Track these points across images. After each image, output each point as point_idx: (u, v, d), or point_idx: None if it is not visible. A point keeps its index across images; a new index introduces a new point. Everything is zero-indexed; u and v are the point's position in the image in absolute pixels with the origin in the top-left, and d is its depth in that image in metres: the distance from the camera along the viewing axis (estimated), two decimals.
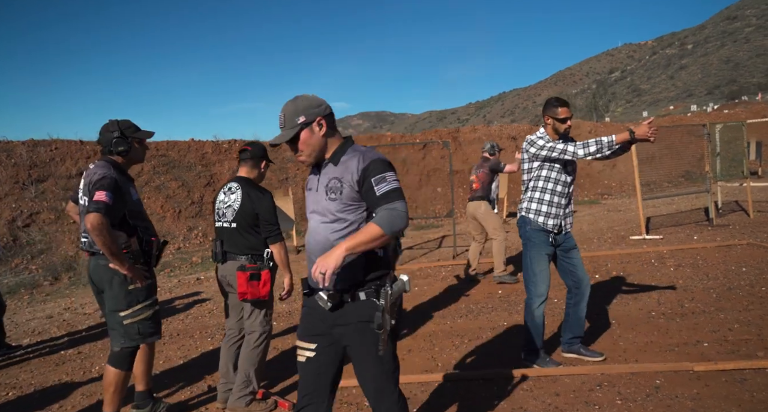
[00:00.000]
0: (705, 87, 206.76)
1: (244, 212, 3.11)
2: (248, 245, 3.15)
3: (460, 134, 18.16)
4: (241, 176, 3.26)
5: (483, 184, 6.28)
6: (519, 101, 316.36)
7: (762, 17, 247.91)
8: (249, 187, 3.17)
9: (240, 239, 3.14)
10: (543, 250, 3.49)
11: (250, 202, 3.11)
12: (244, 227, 3.13)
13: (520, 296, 5.59)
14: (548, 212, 3.47)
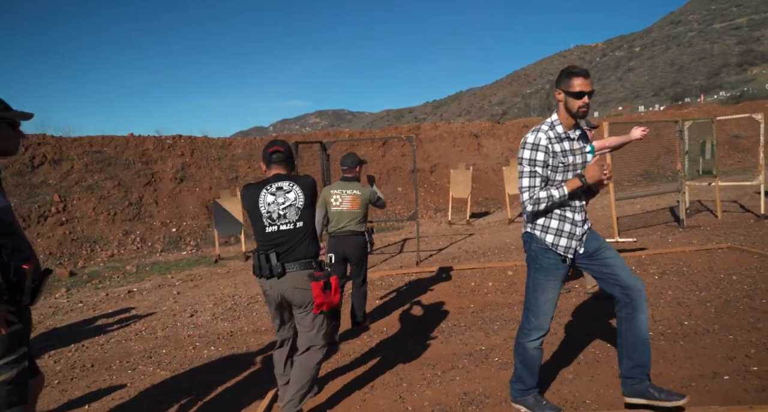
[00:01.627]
0: (651, 89, 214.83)
1: (309, 210, 2.95)
2: (312, 249, 2.96)
3: (420, 131, 17.56)
4: (284, 174, 3.01)
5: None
6: (475, 101, 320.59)
7: (703, 22, 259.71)
8: (306, 185, 2.97)
9: (305, 243, 2.93)
10: (551, 275, 2.78)
11: (312, 200, 2.97)
12: (310, 227, 2.96)
13: (495, 311, 4.95)
14: (559, 229, 2.75)
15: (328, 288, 2.85)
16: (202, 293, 7.19)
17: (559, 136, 2.72)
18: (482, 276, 6.47)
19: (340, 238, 4.56)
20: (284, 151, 2.99)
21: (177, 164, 13.20)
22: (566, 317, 4.53)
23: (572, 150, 2.74)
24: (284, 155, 3.00)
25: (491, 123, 19.60)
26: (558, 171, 2.71)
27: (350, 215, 4.52)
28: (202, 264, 9.55)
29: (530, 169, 2.68)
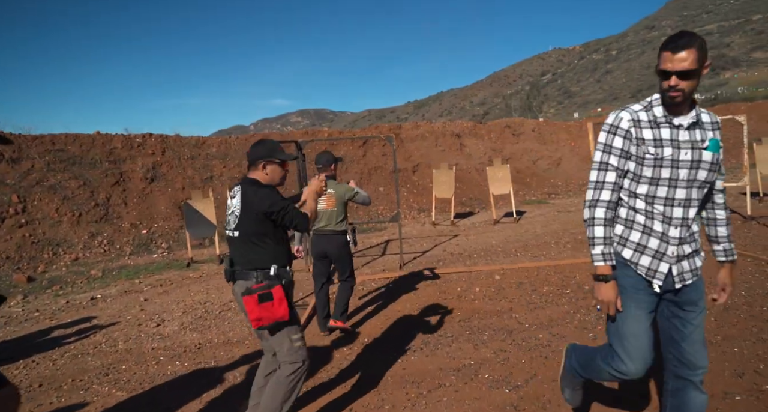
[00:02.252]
0: (629, 91, 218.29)
1: (246, 216, 2.70)
2: (255, 259, 2.72)
3: (402, 131, 17.25)
4: (247, 177, 2.83)
5: None
6: (456, 101, 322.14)
7: (676, 28, 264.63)
8: (248, 186, 2.75)
9: (246, 251, 2.73)
10: (631, 300, 2.12)
11: (248, 203, 2.70)
12: (250, 236, 2.71)
13: (483, 319, 4.63)
14: (641, 244, 2.11)
15: (267, 300, 2.60)
16: (171, 299, 6.75)
17: (655, 120, 2.08)
18: (468, 281, 6.16)
19: (320, 237, 4.58)
20: (249, 152, 2.84)
21: (147, 163, 12.67)
22: (562, 327, 4.23)
23: (674, 140, 2.05)
24: (248, 157, 2.84)
25: (473, 123, 19.39)
26: (646, 165, 2.05)
27: (327, 214, 4.51)
28: (173, 268, 9.09)
29: (601, 160, 2.12)
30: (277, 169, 2.80)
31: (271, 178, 2.80)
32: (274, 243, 2.74)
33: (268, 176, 2.79)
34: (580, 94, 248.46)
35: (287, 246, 2.85)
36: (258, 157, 2.77)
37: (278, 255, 2.75)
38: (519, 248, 8.02)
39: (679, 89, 1.96)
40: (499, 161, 11.90)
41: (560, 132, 20.13)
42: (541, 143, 18.97)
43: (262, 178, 2.78)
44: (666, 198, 2.06)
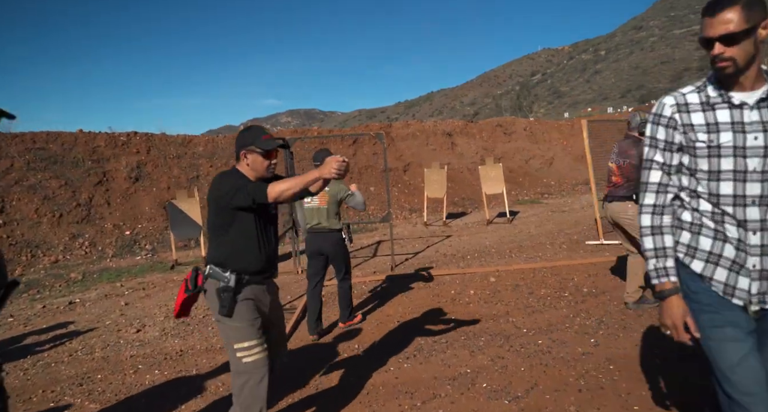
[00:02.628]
0: (618, 91, 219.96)
1: (208, 207, 2.53)
2: (211, 254, 2.54)
3: (392, 130, 17.04)
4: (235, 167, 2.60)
5: (628, 178, 4.34)
6: (447, 101, 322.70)
7: (663, 28, 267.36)
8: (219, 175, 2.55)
9: (209, 245, 2.58)
10: (717, 318, 1.69)
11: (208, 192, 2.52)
12: (211, 231, 2.55)
13: (479, 324, 4.42)
14: (714, 252, 1.71)
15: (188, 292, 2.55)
16: (153, 303, 6.49)
17: (708, 102, 1.72)
18: (462, 283, 5.96)
19: (315, 235, 4.59)
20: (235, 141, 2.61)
21: (132, 163, 12.36)
22: (561, 332, 4.04)
23: (737, 123, 1.66)
24: (235, 147, 2.59)
25: (464, 122, 19.22)
26: (699, 155, 1.70)
27: (320, 211, 4.53)
28: (157, 270, 8.81)
29: (645, 157, 1.81)
30: (258, 159, 2.50)
31: (253, 170, 2.51)
32: (232, 238, 2.45)
33: (250, 167, 2.51)
34: (570, 94, 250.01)
35: (259, 246, 2.49)
36: (239, 147, 2.53)
37: (232, 254, 2.45)
38: (513, 249, 7.83)
39: (727, 58, 1.61)
40: (491, 160, 11.73)
41: (552, 131, 20.02)
42: (533, 143, 18.84)
43: (244, 170, 2.52)
44: (734, 196, 1.65)
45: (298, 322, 5.10)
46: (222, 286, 2.42)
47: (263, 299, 2.55)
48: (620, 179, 4.39)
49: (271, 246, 2.57)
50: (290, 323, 4.91)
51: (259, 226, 2.50)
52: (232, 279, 2.42)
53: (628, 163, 4.32)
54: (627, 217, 4.30)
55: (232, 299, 2.41)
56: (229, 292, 2.41)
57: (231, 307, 2.41)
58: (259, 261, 2.50)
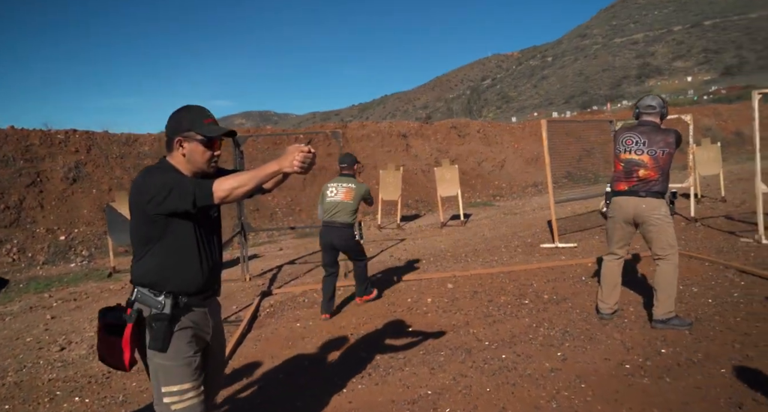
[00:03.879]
0: (563, 96, 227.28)
1: (131, 213, 1.99)
2: (134, 270, 2.03)
3: (347, 130, 16.70)
4: (164, 159, 2.08)
5: (664, 172, 3.82)
6: (400, 104, 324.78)
7: (606, 37, 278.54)
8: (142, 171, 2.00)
9: (133, 260, 2.05)
10: None
11: (130, 194, 1.98)
12: (133, 239, 2.02)
13: (438, 338, 4.15)
14: None
15: (114, 334, 1.94)
16: (83, 316, 5.92)
17: None
18: (419, 290, 5.70)
19: (329, 228, 4.88)
20: (166, 124, 2.08)
21: (69, 162, 11.52)
22: (526, 345, 3.81)
23: None
24: (166, 131, 2.07)
25: (419, 123, 19.10)
26: None
27: (343, 205, 4.87)
28: (92, 278, 8.16)
29: None
30: (198, 148, 1.99)
31: (189, 162, 2.00)
32: (165, 252, 1.96)
33: (186, 159, 2.00)
34: (518, 99, 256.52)
35: (200, 260, 2.03)
36: (173, 132, 2.00)
37: (166, 272, 1.97)
38: (469, 253, 7.65)
39: None
40: (447, 162, 11.57)
41: (504, 134, 20.17)
42: (486, 145, 18.91)
43: (177, 163, 2.01)
44: None
45: (244, 336, 4.70)
46: (154, 313, 1.95)
47: (204, 325, 2.09)
48: (655, 173, 3.78)
49: (214, 259, 2.12)
50: (234, 338, 4.50)
51: (200, 235, 2.03)
52: (167, 304, 1.96)
53: (667, 154, 3.78)
54: (660, 215, 3.76)
55: (167, 329, 1.94)
56: (164, 320, 1.93)
57: (166, 339, 1.93)
58: (200, 279, 2.04)
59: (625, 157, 3.90)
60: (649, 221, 3.77)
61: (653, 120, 3.94)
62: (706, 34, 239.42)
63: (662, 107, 3.94)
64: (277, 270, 7.63)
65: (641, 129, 3.91)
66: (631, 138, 3.91)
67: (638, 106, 4.04)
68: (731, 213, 8.73)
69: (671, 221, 3.84)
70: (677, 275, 3.79)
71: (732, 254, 5.88)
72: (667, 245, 3.78)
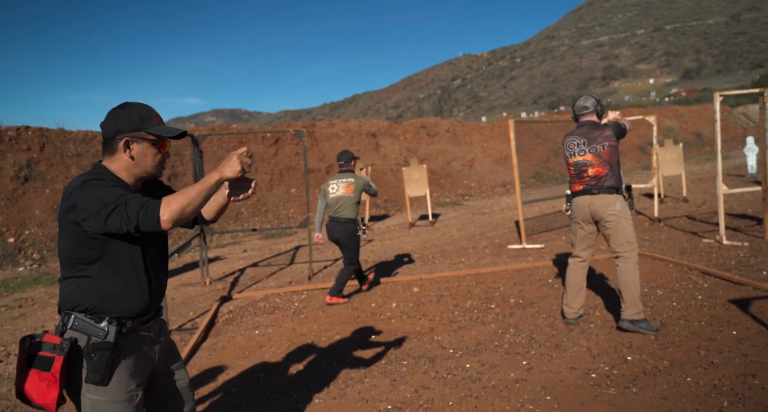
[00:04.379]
0: (531, 97, 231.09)
1: (60, 228, 1.72)
2: (64, 293, 1.74)
3: (316, 129, 16.43)
4: (99, 164, 1.81)
5: (612, 166, 3.82)
6: (371, 103, 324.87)
7: (573, 39, 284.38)
8: (75, 181, 1.69)
9: (62, 282, 1.76)
10: None
11: (60, 208, 1.70)
12: (63, 258, 1.74)
13: (401, 343, 4.00)
14: None
15: (40, 368, 1.63)
16: (27, 325, 5.57)
17: None
18: (384, 294, 5.54)
19: (335, 222, 5.18)
20: (103, 123, 1.80)
21: (21, 161, 10.96)
22: (491, 353, 3.69)
23: None
24: (104, 130, 1.79)
25: (389, 122, 18.96)
26: None
27: (345, 199, 5.16)
28: (42, 283, 7.75)
29: None
30: (150, 151, 1.79)
31: (138, 166, 1.78)
32: (105, 274, 1.71)
33: (134, 162, 1.77)
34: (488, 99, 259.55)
35: (148, 280, 1.80)
36: (116, 131, 1.74)
37: (106, 296, 1.71)
38: (436, 254, 7.54)
39: None
40: (416, 162, 11.46)
41: (473, 133, 20.22)
42: (455, 144, 18.90)
43: (119, 168, 1.76)
44: None
45: (198, 345, 4.45)
46: (95, 342, 1.67)
47: (150, 349, 1.85)
48: (603, 168, 3.80)
49: (161, 277, 1.90)
50: (188, 347, 4.25)
51: (147, 252, 1.80)
52: (111, 331, 1.70)
53: (608, 147, 3.78)
54: (615, 211, 3.74)
55: (110, 360, 1.67)
56: (107, 350, 1.67)
57: (107, 371, 1.66)
58: (146, 299, 1.79)
59: (573, 161, 3.97)
60: (604, 217, 3.78)
61: (590, 119, 3.98)
62: (667, 38, 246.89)
63: (596, 106, 3.99)
64: (239, 273, 7.37)
65: (580, 131, 3.98)
66: (573, 142, 3.98)
67: (575, 110, 4.09)
68: (693, 213, 8.86)
69: (629, 217, 3.81)
70: (638, 273, 3.76)
71: (695, 255, 5.91)
72: (625, 242, 3.76)
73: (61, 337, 1.67)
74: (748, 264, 5.28)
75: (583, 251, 4.05)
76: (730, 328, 3.67)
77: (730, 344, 3.39)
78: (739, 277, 4.75)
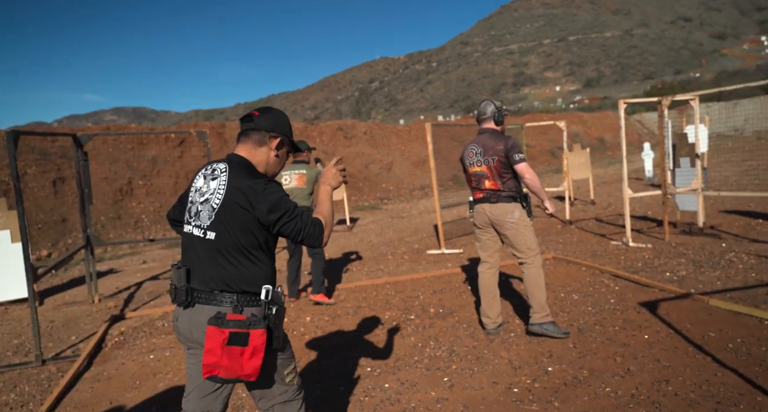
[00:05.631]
0: (447, 100, 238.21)
1: (230, 213, 1.81)
2: (232, 276, 1.82)
3: (226, 130, 15.66)
4: (235, 154, 1.95)
5: (504, 179, 3.75)
6: (288, 104, 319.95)
7: (485, 45, 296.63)
8: (240, 169, 1.87)
9: (219, 263, 1.83)
10: None
11: (238, 196, 1.80)
12: (230, 242, 1.81)
13: (316, 362, 3.68)
14: None
15: (238, 344, 1.70)
16: None
17: None
18: (297, 307, 5.19)
19: None
20: (257, 117, 1.96)
21: None
22: (410, 370, 3.47)
23: None
24: (252, 123, 1.96)
25: (305, 124, 18.49)
26: None
27: (298, 190, 5.09)
28: None
29: None
30: (284, 155, 2.07)
31: (273, 164, 2.00)
32: (267, 257, 1.91)
33: (273, 162, 2.00)
34: (405, 102, 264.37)
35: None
36: (271, 129, 1.97)
37: (270, 274, 1.91)
38: (354, 262, 7.28)
39: None
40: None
41: (391, 136, 20.21)
42: (373, 147, 18.79)
43: (261, 161, 1.96)
44: None
45: (79, 376, 3.88)
46: (278, 310, 1.83)
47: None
48: (496, 183, 3.76)
49: None
50: (64, 379, 3.68)
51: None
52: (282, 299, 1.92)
53: (497, 162, 3.72)
54: (513, 219, 3.72)
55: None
56: (281, 318, 1.87)
57: (284, 337, 1.91)
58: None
59: (472, 171, 3.92)
60: (504, 226, 3.77)
61: (488, 126, 3.94)
62: (571, 48, 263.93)
63: (494, 113, 3.93)
64: (136, 288, 6.70)
65: (479, 138, 3.93)
66: (472, 150, 3.91)
67: (477, 114, 4.04)
68: (600, 215, 9.23)
69: (528, 224, 3.80)
70: (542, 277, 3.77)
71: (605, 257, 6.07)
72: (526, 248, 3.75)
73: (242, 315, 1.76)
74: (653, 266, 5.47)
75: (490, 256, 4.01)
76: (641, 332, 3.70)
77: (643, 349, 3.39)
78: (647, 279, 4.87)
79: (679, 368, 3.06)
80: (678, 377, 2.95)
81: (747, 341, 3.34)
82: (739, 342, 3.34)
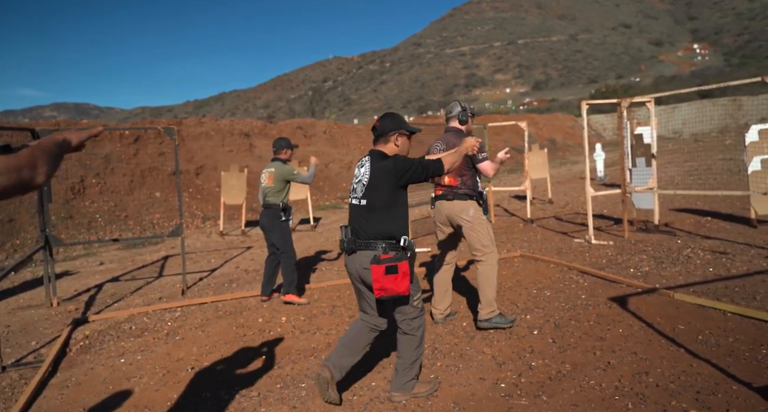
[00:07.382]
0: (401, 101, 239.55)
1: (375, 184, 2.78)
2: (383, 229, 2.77)
3: (182, 128, 15.21)
4: (374, 149, 2.95)
5: (463, 178, 3.91)
6: (240, 103, 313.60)
7: (438, 46, 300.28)
8: (378, 159, 2.85)
9: (373, 222, 2.78)
10: None
11: (377, 170, 2.80)
12: (379, 207, 2.77)
13: (296, 363, 3.64)
14: None
15: (393, 272, 2.63)
16: None
17: None
18: (272, 307, 5.11)
19: (264, 210, 5.26)
20: (379, 126, 2.92)
21: None
22: (385, 372, 3.48)
23: None
24: (378, 131, 2.92)
25: (263, 122, 18.19)
26: None
27: (268, 189, 5.22)
28: None
29: None
30: (406, 141, 2.95)
31: (400, 151, 2.91)
32: (402, 213, 2.82)
33: (398, 148, 2.90)
34: (359, 102, 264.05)
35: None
36: (389, 130, 2.88)
37: (405, 226, 2.82)
38: (323, 261, 7.23)
39: None
40: (236, 168, 10.95)
41: (350, 135, 20.16)
42: (332, 146, 18.69)
43: (390, 151, 2.89)
44: None
45: (45, 382, 3.68)
46: (412, 254, 2.79)
47: None
48: (455, 180, 3.91)
49: None
50: (30, 386, 3.48)
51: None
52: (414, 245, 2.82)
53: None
54: (468, 217, 3.86)
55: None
56: (414, 258, 2.83)
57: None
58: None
59: None
60: (459, 223, 3.93)
61: (453, 125, 4.12)
62: (520, 51, 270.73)
63: (459, 113, 4.10)
64: (95, 290, 6.42)
65: (445, 136, 4.07)
66: (437, 147, 4.04)
67: (446, 112, 4.24)
68: (559, 214, 9.53)
69: (483, 222, 3.93)
70: (495, 274, 3.89)
71: (570, 254, 6.27)
72: (480, 245, 3.87)
73: (390, 254, 2.71)
74: (617, 262, 5.70)
75: (447, 252, 4.19)
76: (616, 326, 3.85)
77: (620, 343, 3.53)
78: (614, 275, 5.08)
79: (656, 360, 3.20)
80: (656, 369, 3.09)
81: (714, 333, 3.54)
82: (707, 334, 3.54)
